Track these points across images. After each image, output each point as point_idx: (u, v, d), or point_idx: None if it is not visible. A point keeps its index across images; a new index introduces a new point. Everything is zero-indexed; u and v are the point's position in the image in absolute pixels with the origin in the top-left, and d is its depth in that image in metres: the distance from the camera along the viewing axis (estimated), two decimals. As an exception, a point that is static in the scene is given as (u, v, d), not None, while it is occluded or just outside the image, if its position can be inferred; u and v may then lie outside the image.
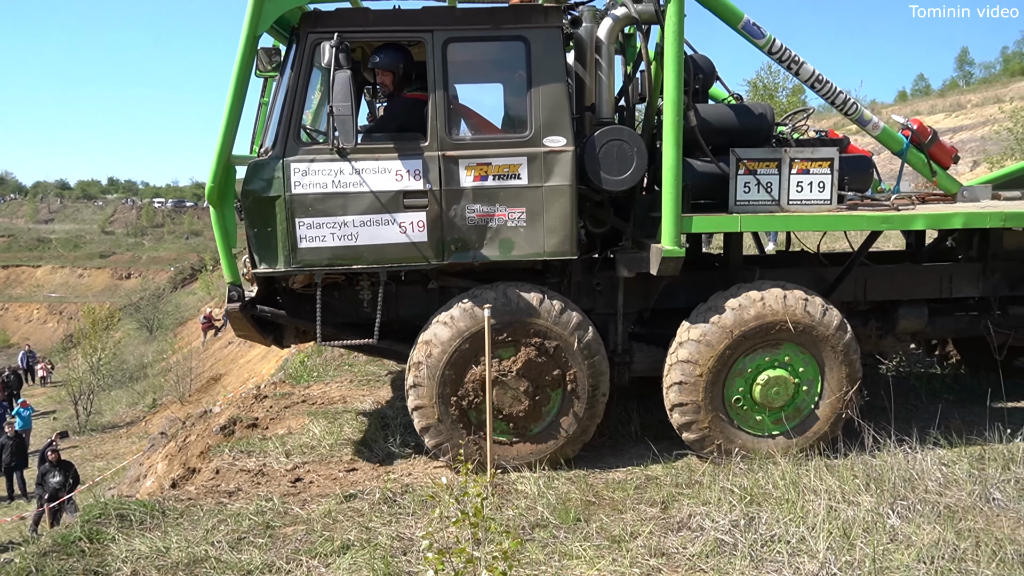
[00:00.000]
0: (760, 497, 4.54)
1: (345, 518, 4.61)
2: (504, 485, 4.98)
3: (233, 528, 4.52)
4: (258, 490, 5.22)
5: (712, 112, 5.56)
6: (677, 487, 4.90)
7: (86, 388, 22.64)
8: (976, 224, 5.44)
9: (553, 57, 5.04)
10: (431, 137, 4.98)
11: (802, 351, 5.26)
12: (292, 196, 4.88)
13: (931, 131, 6.17)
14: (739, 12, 5.37)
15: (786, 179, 5.23)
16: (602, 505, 4.71)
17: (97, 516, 4.68)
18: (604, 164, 5.09)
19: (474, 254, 5.08)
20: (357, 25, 5.09)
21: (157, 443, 10.34)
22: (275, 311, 5.44)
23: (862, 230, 5.82)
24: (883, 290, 6.00)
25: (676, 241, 4.97)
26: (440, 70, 4.95)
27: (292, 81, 4.94)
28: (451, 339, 5.04)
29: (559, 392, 5.21)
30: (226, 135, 4.86)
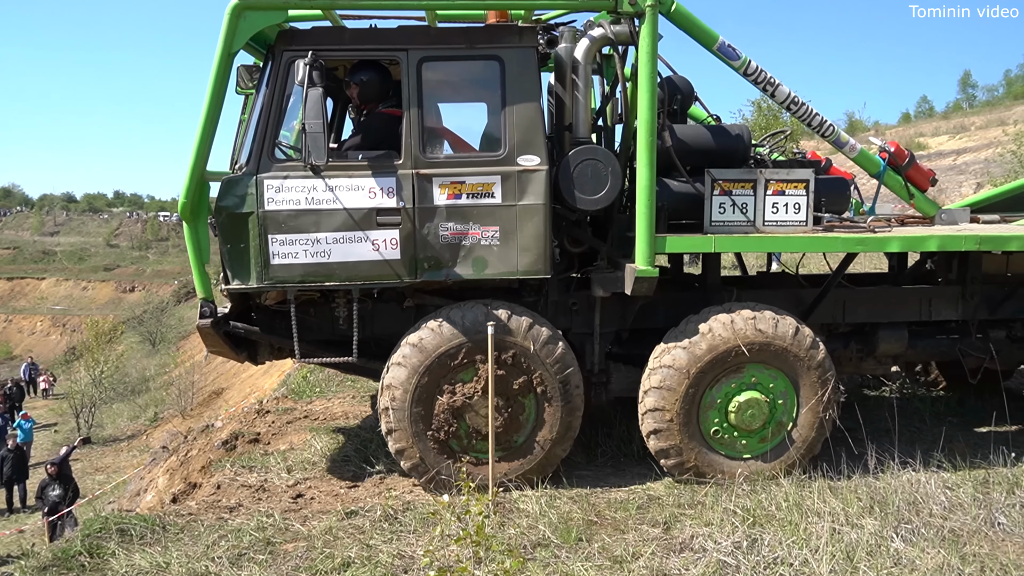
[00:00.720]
0: (763, 519, 4.52)
1: (346, 535, 4.60)
2: (505, 504, 4.96)
3: (234, 544, 4.51)
4: (259, 506, 5.21)
5: (689, 133, 5.59)
6: (679, 507, 4.88)
7: (88, 401, 22.63)
8: (951, 247, 5.44)
9: (527, 77, 5.08)
10: (405, 155, 5.01)
11: (770, 371, 5.24)
12: (265, 212, 4.91)
13: (908, 154, 6.19)
14: (714, 34, 5.39)
15: (761, 200, 5.25)
16: (604, 525, 4.69)
17: (97, 530, 4.67)
18: (578, 183, 5.10)
19: (447, 272, 5.09)
20: (332, 44, 5.12)
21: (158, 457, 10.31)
22: (248, 328, 5.44)
23: (837, 252, 5.83)
24: (862, 312, 6.02)
25: (649, 261, 4.99)
26: (415, 89, 5.00)
27: (267, 98, 4.99)
28: (420, 362, 5.04)
29: (532, 401, 5.21)
30: (199, 151, 4.91)
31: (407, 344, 5.09)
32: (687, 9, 5.26)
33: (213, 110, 4.89)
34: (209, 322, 5.18)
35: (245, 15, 4.76)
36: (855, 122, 38.10)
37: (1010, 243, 5.42)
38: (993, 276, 6.17)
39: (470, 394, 5.08)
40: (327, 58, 4.99)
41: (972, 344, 6.19)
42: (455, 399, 5.07)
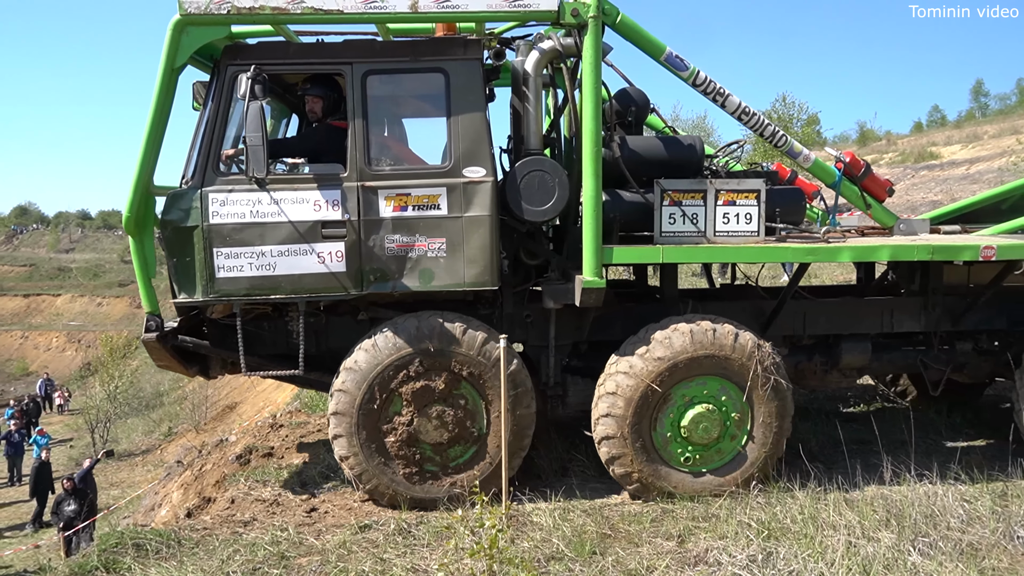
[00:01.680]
0: (778, 532, 4.49)
1: (360, 549, 4.60)
2: (519, 517, 4.95)
3: (248, 558, 4.52)
4: (273, 520, 5.22)
5: (641, 144, 5.58)
6: (694, 520, 4.86)
7: (103, 416, 22.76)
8: (903, 257, 5.41)
9: (472, 89, 5.10)
10: (350, 167, 5.04)
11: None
12: (210, 226, 4.94)
13: (864, 164, 6.18)
14: (661, 45, 5.38)
15: (712, 210, 5.25)
16: (618, 538, 4.67)
17: (114, 545, 4.70)
18: (526, 194, 5.11)
19: (394, 284, 5.10)
20: (277, 58, 5.17)
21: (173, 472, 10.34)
22: (197, 341, 5.44)
23: (787, 262, 5.82)
24: (823, 324, 5.97)
25: (596, 272, 4.98)
26: (359, 102, 5.04)
27: (211, 112, 5.04)
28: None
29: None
30: (143, 166, 4.94)
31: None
32: (633, 20, 5.27)
33: (157, 125, 4.93)
34: (154, 336, 5.18)
35: (188, 30, 4.82)
36: (867, 132, 38.01)
37: (963, 253, 5.34)
38: (955, 287, 6.12)
39: (412, 409, 5.10)
40: (272, 72, 5.05)
41: (934, 356, 6.14)
42: (400, 418, 5.10)
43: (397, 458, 5.15)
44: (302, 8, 4.80)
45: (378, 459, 5.13)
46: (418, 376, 5.08)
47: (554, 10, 4.94)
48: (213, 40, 4.99)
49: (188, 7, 4.74)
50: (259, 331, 5.46)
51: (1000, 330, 6.17)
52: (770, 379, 5.15)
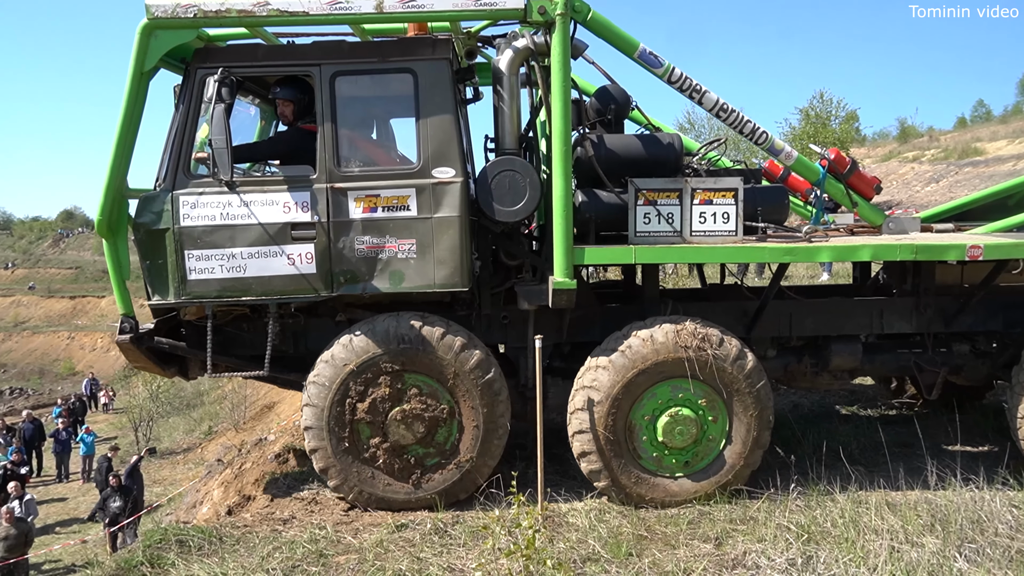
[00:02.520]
0: (818, 535, 4.42)
1: (397, 548, 4.64)
2: (555, 517, 4.95)
3: (288, 555, 4.59)
4: (312, 518, 5.29)
5: (618, 143, 5.49)
6: (731, 523, 4.80)
7: (146, 415, 23.26)
8: (885, 257, 5.28)
9: (441, 89, 5.07)
10: (320, 169, 5.05)
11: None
12: (181, 228, 4.98)
13: (850, 161, 6.02)
14: (634, 41, 5.30)
15: (688, 210, 5.15)
16: (654, 540, 4.64)
17: (158, 541, 4.81)
18: (497, 195, 5.06)
19: (364, 286, 5.09)
20: (246, 60, 5.20)
21: (213, 470, 10.52)
22: (173, 343, 5.47)
23: (764, 262, 5.67)
24: (810, 325, 5.83)
25: (567, 273, 4.93)
26: (328, 103, 5.04)
27: (181, 115, 5.07)
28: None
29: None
30: (113, 169, 4.99)
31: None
32: (605, 17, 5.21)
33: (127, 128, 4.97)
34: (128, 338, 5.25)
35: (156, 34, 4.86)
36: (907, 128, 37.18)
37: (949, 252, 5.17)
38: (949, 287, 5.94)
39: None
40: (240, 75, 5.11)
41: (927, 358, 5.97)
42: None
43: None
44: (267, 11, 4.82)
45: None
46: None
47: (520, 8, 4.90)
48: (183, 43, 5.03)
49: (155, 11, 4.79)
50: (239, 332, 5.50)
51: (996, 332, 6.00)
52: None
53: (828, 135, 24.16)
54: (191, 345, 5.48)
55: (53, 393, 37.05)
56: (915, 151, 32.50)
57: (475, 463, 5.21)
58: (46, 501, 15.93)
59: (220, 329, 5.36)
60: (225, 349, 5.43)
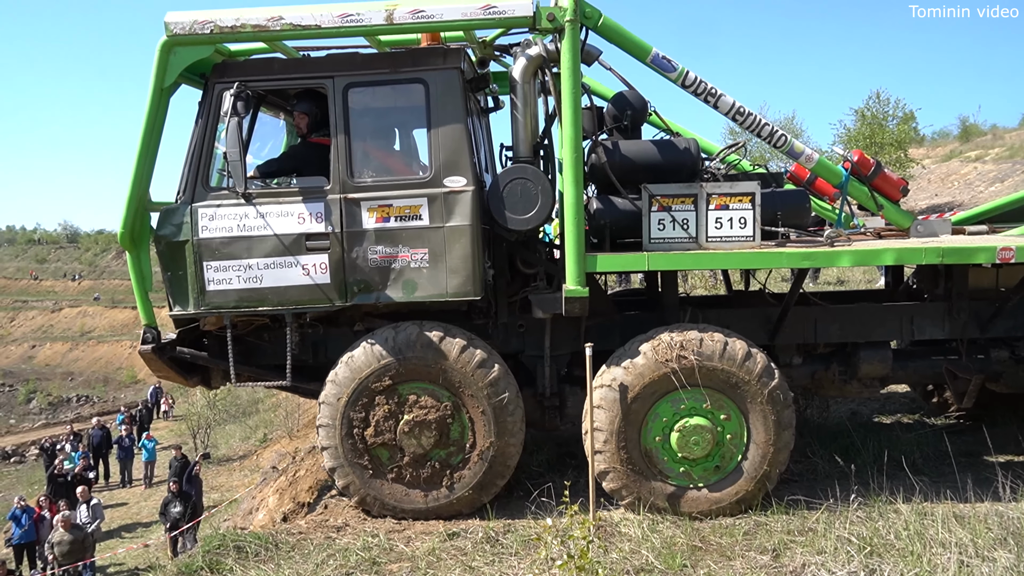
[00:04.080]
0: (881, 548, 4.28)
1: (448, 556, 4.65)
2: (607, 527, 4.90)
3: (341, 563, 4.64)
4: (364, 526, 5.33)
5: (634, 149, 5.42)
6: (789, 534, 4.68)
7: (204, 422, 23.82)
8: (909, 261, 5.08)
9: (452, 98, 5.08)
10: (333, 180, 5.09)
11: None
12: (199, 240, 5.09)
13: (874, 162, 5.81)
14: (647, 46, 5.23)
15: (704, 215, 5.05)
16: (709, 551, 4.55)
17: (217, 547, 4.91)
18: (508, 203, 5.04)
19: (378, 295, 5.11)
20: (262, 74, 5.30)
21: (268, 477, 10.73)
22: (195, 353, 5.56)
23: (782, 267, 5.49)
24: (836, 331, 5.66)
25: (579, 281, 4.88)
26: (341, 114, 5.10)
27: (200, 129, 5.17)
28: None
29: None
30: (136, 182, 5.12)
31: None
32: (616, 22, 5.15)
33: (149, 143, 5.11)
34: (150, 348, 5.35)
35: (175, 51, 5.01)
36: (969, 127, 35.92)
37: (977, 255, 4.95)
38: (984, 291, 5.69)
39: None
40: (256, 88, 5.23)
41: (960, 365, 5.71)
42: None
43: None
44: (281, 25, 4.94)
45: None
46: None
47: (529, 16, 4.90)
48: (203, 59, 5.15)
49: (174, 28, 4.94)
50: (259, 342, 5.58)
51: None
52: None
53: (885, 136, 23.48)
54: (213, 355, 5.60)
55: (116, 400, 38.31)
56: (978, 150, 31.37)
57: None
58: (110, 506, 16.44)
59: (241, 339, 5.49)
60: (247, 359, 5.55)
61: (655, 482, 5.04)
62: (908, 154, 24.94)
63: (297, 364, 5.40)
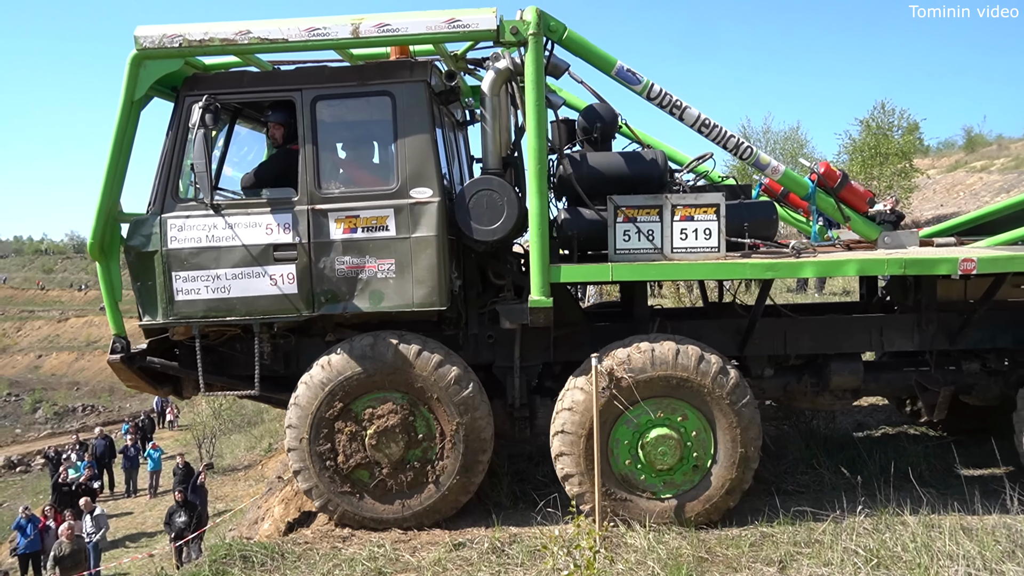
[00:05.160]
0: (888, 560, 4.27)
1: (454, 566, 4.65)
2: (613, 538, 4.89)
3: (347, 573, 4.65)
4: (370, 536, 5.33)
5: (601, 160, 5.46)
6: (795, 545, 4.67)
7: (209, 432, 23.84)
8: (872, 271, 5.13)
9: (418, 110, 5.14)
10: (301, 191, 5.15)
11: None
12: (168, 251, 5.14)
13: (840, 174, 5.84)
14: (611, 59, 5.28)
15: (668, 226, 5.08)
16: (715, 562, 4.54)
17: (223, 556, 4.92)
18: (474, 214, 5.09)
19: (344, 305, 5.16)
20: (232, 87, 5.36)
21: (274, 487, 10.73)
22: (165, 362, 5.59)
23: (745, 278, 5.53)
24: (805, 343, 5.67)
25: (544, 291, 4.92)
26: (309, 126, 5.16)
27: (170, 141, 5.23)
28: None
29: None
30: (105, 194, 5.18)
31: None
32: (581, 36, 5.21)
33: (118, 154, 5.17)
34: (118, 357, 5.40)
35: (145, 64, 5.08)
36: (975, 137, 35.93)
37: (940, 266, 4.98)
38: (954, 303, 5.70)
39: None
40: (226, 101, 5.30)
41: (929, 377, 5.71)
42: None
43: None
44: (249, 39, 5.00)
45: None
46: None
47: (493, 29, 4.95)
48: (174, 72, 5.22)
49: (143, 42, 5.00)
50: (232, 352, 5.61)
51: (1006, 349, 5.74)
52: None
53: (890, 147, 23.49)
54: (184, 365, 5.60)
55: (122, 410, 38.33)
56: (983, 160, 31.38)
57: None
58: (115, 515, 16.45)
59: (214, 349, 5.53)
60: (219, 369, 5.59)
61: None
62: (913, 164, 24.94)
63: (269, 374, 5.47)
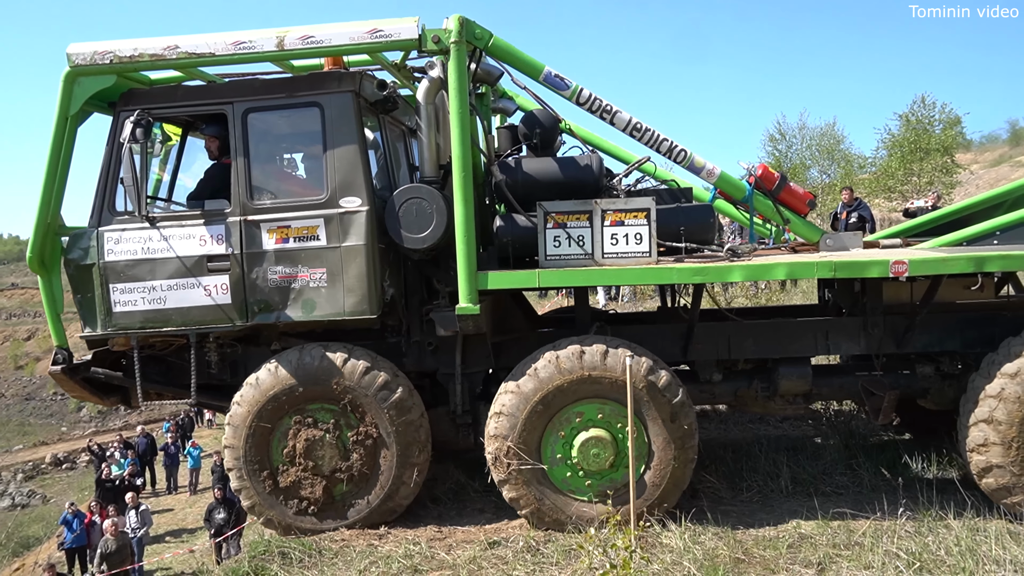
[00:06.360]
0: (931, 564, 4.18)
1: (489, 565, 4.67)
2: (648, 538, 4.87)
3: (384, 570, 4.69)
4: (406, 534, 5.37)
5: (535, 167, 5.44)
6: (834, 548, 4.61)
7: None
8: (801, 275, 5.04)
9: (345, 121, 5.17)
10: (234, 202, 5.21)
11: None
12: (105, 263, 5.23)
13: (779, 176, 5.71)
14: (539, 65, 5.29)
15: (599, 231, 5.05)
16: (752, 564, 4.50)
17: (262, 552, 5.00)
18: (404, 222, 5.10)
19: (278, 315, 5.21)
20: (165, 101, 5.41)
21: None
22: (109, 372, 5.67)
23: (673, 283, 5.48)
24: (749, 347, 5.58)
25: (471, 299, 4.93)
26: (241, 139, 5.22)
27: (106, 155, 5.30)
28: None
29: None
30: (43, 208, 5.29)
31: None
32: (507, 42, 5.22)
33: (54, 169, 5.28)
34: (60, 368, 5.52)
35: (79, 80, 5.19)
36: (1020, 131, 35.02)
37: (870, 269, 4.89)
38: (901, 306, 5.56)
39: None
40: (160, 115, 5.37)
41: (874, 381, 5.60)
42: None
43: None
44: (177, 54, 5.12)
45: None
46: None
47: (415, 39, 4.99)
48: (110, 87, 5.29)
49: (76, 59, 5.13)
50: (180, 362, 5.66)
51: (956, 352, 5.61)
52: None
53: (931, 141, 23.00)
54: (129, 375, 5.65)
55: (163, 409, 39.10)
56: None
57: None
58: (157, 511, 16.79)
59: (162, 359, 5.66)
60: (167, 378, 5.70)
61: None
62: (955, 159, 24.38)
63: (217, 383, 5.61)
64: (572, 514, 5.05)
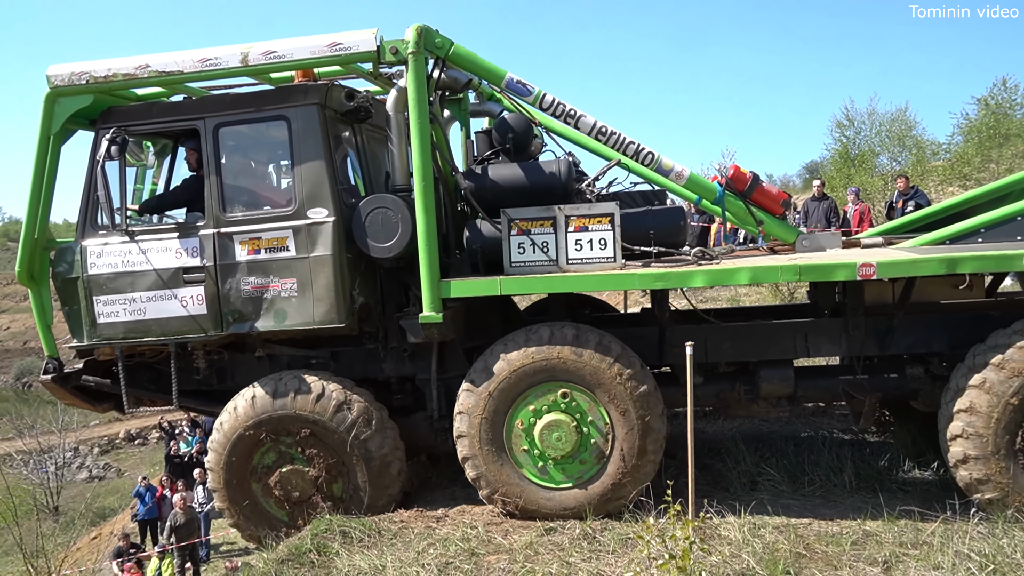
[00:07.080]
0: (1005, 567, 4.03)
1: (545, 551, 4.70)
2: (707, 529, 4.82)
3: (441, 552, 4.77)
4: (463, 517, 5.45)
5: (502, 173, 5.35)
6: (901, 546, 4.48)
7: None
8: (765, 279, 4.89)
9: (311, 133, 5.21)
10: (207, 215, 5.30)
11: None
12: (89, 276, 5.40)
13: (750, 176, 5.48)
14: (500, 72, 5.28)
15: (563, 238, 4.95)
16: (814, 559, 4.41)
17: (324, 531, 5.13)
18: (371, 232, 5.13)
19: (251, 325, 5.31)
20: (141, 118, 5.53)
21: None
22: (99, 380, 5.83)
23: (635, 288, 5.28)
24: (728, 350, 5.42)
25: (434, 307, 4.93)
26: (212, 153, 5.32)
27: (88, 171, 5.41)
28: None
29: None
30: (29, 224, 5.49)
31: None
32: (468, 51, 5.21)
33: (39, 186, 5.44)
34: (50, 378, 5.71)
35: (59, 101, 5.36)
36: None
37: (837, 272, 4.70)
38: (884, 307, 5.30)
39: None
40: (136, 132, 5.52)
41: (855, 383, 5.39)
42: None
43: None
44: (148, 72, 5.28)
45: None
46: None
47: (373, 51, 5.03)
48: (90, 106, 5.43)
49: (55, 80, 5.32)
50: (169, 369, 5.73)
51: (943, 353, 5.33)
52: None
53: (1011, 127, 21.91)
54: (117, 382, 5.81)
55: (229, 389, 40.35)
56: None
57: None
58: (223, 488, 17.40)
59: (151, 367, 5.84)
60: (157, 385, 5.86)
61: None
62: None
63: (205, 389, 5.80)
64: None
